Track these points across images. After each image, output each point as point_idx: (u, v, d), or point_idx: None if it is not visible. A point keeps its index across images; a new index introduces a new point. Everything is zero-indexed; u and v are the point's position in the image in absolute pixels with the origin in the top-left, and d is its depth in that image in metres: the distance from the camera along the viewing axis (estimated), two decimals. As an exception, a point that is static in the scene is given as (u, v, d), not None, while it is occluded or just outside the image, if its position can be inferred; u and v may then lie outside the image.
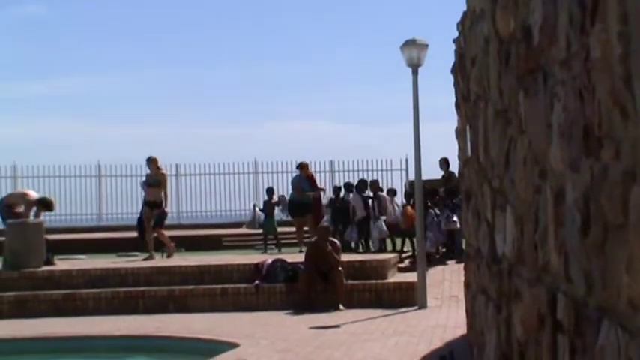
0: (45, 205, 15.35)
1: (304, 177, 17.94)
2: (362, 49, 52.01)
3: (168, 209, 16.21)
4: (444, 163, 17.95)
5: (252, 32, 52.55)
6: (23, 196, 15.62)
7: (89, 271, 13.89)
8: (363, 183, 18.36)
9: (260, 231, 19.20)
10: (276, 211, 19.11)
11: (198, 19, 50.57)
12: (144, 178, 16.41)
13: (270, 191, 20.01)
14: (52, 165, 26.22)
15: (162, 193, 15.55)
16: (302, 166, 18.39)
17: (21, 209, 14.96)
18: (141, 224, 15.86)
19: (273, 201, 19.19)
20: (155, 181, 15.48)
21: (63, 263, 14.93)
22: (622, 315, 2.08)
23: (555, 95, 2.80)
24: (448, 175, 16.55)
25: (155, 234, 15.62)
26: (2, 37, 46.90)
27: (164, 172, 15.89)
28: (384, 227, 16.81)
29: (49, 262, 14.41)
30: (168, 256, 15.63)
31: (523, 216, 3.60)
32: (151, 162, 15.64)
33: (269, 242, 18.61)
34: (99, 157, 26.44)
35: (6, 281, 13.43)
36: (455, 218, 15.50)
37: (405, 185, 20.98)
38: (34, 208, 15.10)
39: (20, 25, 45.81)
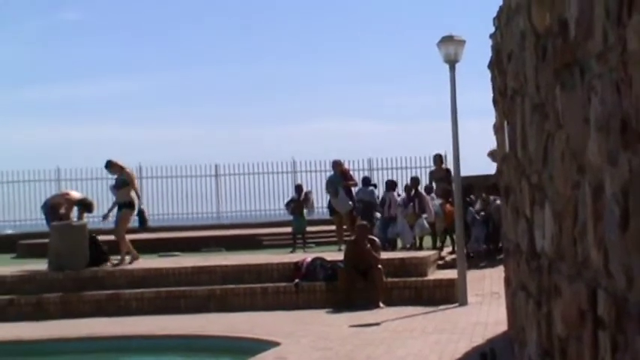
0: (85, 205, 15.52)
1: (338, 174, 17.93)
2: (399, 46, 51.84)
3: (145, 208, 15.42)
4: (439, 159, 17.68)
5: (290, 31, 52.63)
6: (65, 197, 15.84)
7: (132, 272, 14.05)
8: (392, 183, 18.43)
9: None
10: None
11: (239, 19, 50.71)
12: (113, 182, 15.28)
13: (298, 188, 19.60)
14: (93, 167, 26.58)
15: (133, 192, 14.86)
16: (335, 164, 18.35)
17: (63, 210, 15.16)
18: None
19: (301, 199, 18.83)
20: (121, 181, 14.75)
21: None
22: (662, 310, 2.06)
23: (592, 89, 2.78)
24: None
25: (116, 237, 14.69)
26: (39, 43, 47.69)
27: (128, 170, 15.15)
28: (426, 225, 16.72)
29: (105, 261, 14.42)
30: (132, 261, 14.71)
31: (562, 211, 3.57)
32: (111, 166, 14.96)
33: (298, 241, 18.46)
34: (139, 160, 26.64)
35: (52, 282, 13.66)
36: None
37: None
38: (76, 208, 15.25)
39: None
